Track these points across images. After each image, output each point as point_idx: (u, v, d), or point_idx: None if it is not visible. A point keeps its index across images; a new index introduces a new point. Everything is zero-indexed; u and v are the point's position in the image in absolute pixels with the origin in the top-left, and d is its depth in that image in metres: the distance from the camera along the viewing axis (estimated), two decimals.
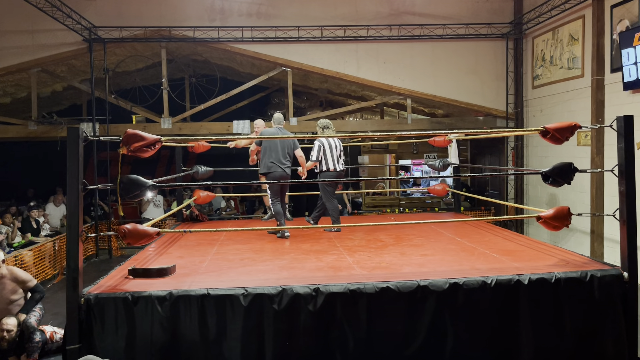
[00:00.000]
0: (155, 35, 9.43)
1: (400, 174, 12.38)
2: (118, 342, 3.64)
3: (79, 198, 3.61)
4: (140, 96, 10.29)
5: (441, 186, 7.71)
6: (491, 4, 9.84)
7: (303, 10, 9.59)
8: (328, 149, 6.17)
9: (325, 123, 6.36)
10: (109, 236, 9.66)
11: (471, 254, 4.81)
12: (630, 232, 3.97)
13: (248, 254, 5.00)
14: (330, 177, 6.15)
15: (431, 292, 3.77)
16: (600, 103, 7.56)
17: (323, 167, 6.19)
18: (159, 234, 4.13)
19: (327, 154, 6.17)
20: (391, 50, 9.80)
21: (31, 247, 7.76)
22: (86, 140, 3.68)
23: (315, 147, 6.18)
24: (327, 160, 6.17)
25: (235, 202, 11.49)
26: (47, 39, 9.13)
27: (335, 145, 6.23)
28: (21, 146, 12.35)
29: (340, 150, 6.28)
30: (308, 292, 3.71)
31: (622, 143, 3.98)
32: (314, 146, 6.20)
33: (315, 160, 6.16)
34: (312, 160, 6.17)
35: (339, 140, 6.31)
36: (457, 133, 6.04)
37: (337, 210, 6.32)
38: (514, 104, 9.99)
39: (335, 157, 6.19)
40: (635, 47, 6.51)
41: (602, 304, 3.92)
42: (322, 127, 6.32)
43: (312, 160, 6.17)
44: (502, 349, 3.86)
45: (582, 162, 7.61)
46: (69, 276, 3.62)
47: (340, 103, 12.63)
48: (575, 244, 8.00)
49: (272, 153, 5.92)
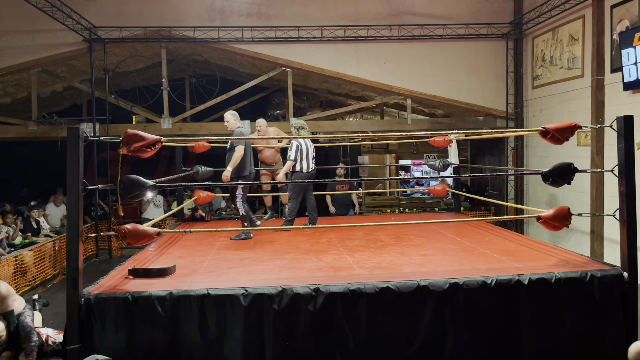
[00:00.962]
0: (155, 35, 9.43)
1: (400, 174, 12.38)
2: (118, 342, 3.64)
3: (79, 198, 3.61)
4: (140, 96, 10.30)
5: (441, 186, 7.71)
6: (491, 4, 9.83)
7: (303, 10, 9.58)
8: (305, 149, 6.22)
9: (301, 124, 6.38)
10: (109, 236, 9.66)
11: (471, 254, 4.81)
12: (630, 232, 3.97)
13: (248, 254, 5.00)
14: (301, 177, 6.21)
15: (431, 292, 3.77)
16: (600, 103, 7.56)
17: (297, 167, 6.23)
18: (159, 234, 4.13)
19: (304, 155, 6.22)
20: (391, 51, 9.80)
21: (31, 247, 7.76)
22: (86, 140, 3.68)
23: (293, 147, 6.19)
24: (302, 161, 6.22)
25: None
26: (47, 39, 9.12)
27: (309, 146, 6.29)
28: (20, 146, 12.34)
29: (313, 151, 6.34)
30: (308, 292, 3.71)
31: (622, 143, 3.98)
32: (292, 146, 6.20)
33: (293, 160, 6.18)
34: (290, 159, 6.19)
35: (310, 141, 6.37)
36: (457, 133, 6.04)
37: (295, 212, 6.34)
38: (514, 104, 9.99)
39: (310, 158, 6.26)
40: (635, 47, 6.51)
41: (602, 304, 3.92)
42: (297, 128, 6.33)
43: (291, 160, 6.18)
44: (502, 349, 3.86)
45: (582, 162, 7.61)
46: (69, 276, 3.62)
47: (340, 103, 12.62)
48: (575, 244, 8.00)
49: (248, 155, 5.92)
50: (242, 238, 5.76)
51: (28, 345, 4.61)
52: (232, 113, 5.97)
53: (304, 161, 6.24)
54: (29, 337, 4.62)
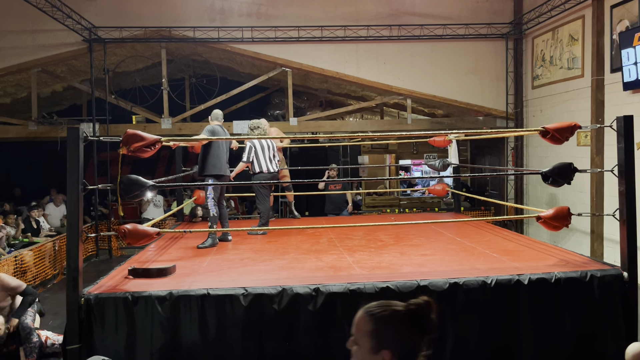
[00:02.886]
0: (155, 35, 9.43)
1: (400, 174, 12.38)
2: (118, 342, 3.63)
3: (79, 198, 3.61)
4: (140, 96, 10.29)
5: (441, 186, 7.71)
6: (491, 4, 9.84)
7: (303, 10, 9.59)
8: (260, 150, 6.10)
9: (256, 124, 6.30)
10: (109, 236, 9.66)
11: (471, 253, 4.81)
12: (630, 232, 3.97)
13: (248, 254, 5.00)
14: (264, 178, 6.07)
15: (431, 292, 3.76)
16: (600, 103, 7.56)
17: (256, 168, 6.11)
18: (159, 234, 4.13)
19: (260, 155, 6.10)
20: (391, 51, 9.80)
21: (31, 247, 7.76)
22: (86, 140, 3.68)
23: (247, 149, 6.11)
24: (260, 162, 6.10)
25: (235, 202, 11.50)
26: (47, 39, 9.13)
27: (268, 146, 6.16)
28: (19, 146, 12.35)
29: (273, 151, 6.21)
30: (308, 292, 3.71)
31: (622, 143, 3.98)
32: (245, 147, 6.14)
33: (246, 162, 6.09)
34: (242, 161, 6.11)
35: (271, 141, 6.24)
36: (457, 133, 6.04)
37: (269, 212, 6.27)
38: (513, 104, 9.99)
39: (267, 158, 6.13)
40: (635, 47, 6.51)
41: (602, 304, 3.92)
42: (251, 128, 6.26)
43: (243, 162, 6.11)
44: (502, 349, 3.85)
45: (582, 162, 7.61)
46: (69, 276, 3.62)
47: (340, 103, 12.63)
48: (575, 244, 8.00)
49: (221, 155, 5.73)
50: (207, 246, 5.31)
51: (28, 345, 4.62)
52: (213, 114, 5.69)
53: (262, 162, 6.09)
54: (29, 337, 4.63)
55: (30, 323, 4.81)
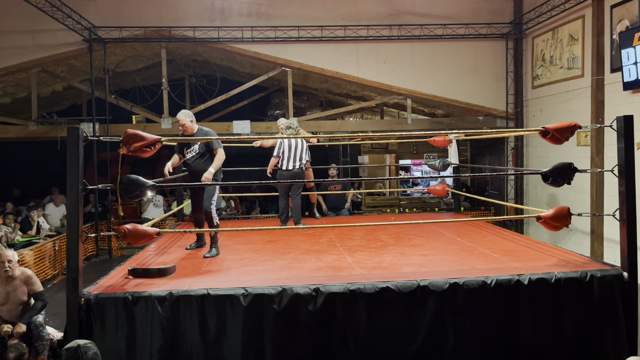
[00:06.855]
0: (155, 35, 9.43)
1: (400, 174, 12.37)
2: (118, 342, 3.64)
3: (79, 198, 3.61)
4: (140, 96, 10.29)
5: (441, 186, 7.71)
6: (491, 4, 9.83)
7: (303, 10, 9.59)
8: (287, 147, 6.33)
9: (288, 123, 6.50)
10: (109, 236, 9.66)
11: (471, 254, 4.81)
12: (630, 232, 3.97)
13: (248, 254, 5.00)
14: (283, 176, 6.33)
15: (431, 292, 3.77)
16: (600, 103, 7.56)
17: (279, 164, 6.38)
18: (159, 234, 4.13)
19: (285, 152, 6.33)
20: (391, 50, 9.80)
21: (31, 247, 7.76)
22: (86, 140, 3.68)
23: (277, 143, 6.40)
24: (284, 159, 6.33)
25: (235, 202, 11.49)
26: (47, 39, 9.12)
27: (296, 145, 6.37)
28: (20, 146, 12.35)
29: (301, 151, 6.40)
30: (308, 292, 3.71)
31: (622, 143, 3.98)
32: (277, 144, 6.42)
33: (276, 156, 6.35)
34: (273, 156, 6.38)
35: (302, 141, 6.44)
36: (457, 133, 6.04)
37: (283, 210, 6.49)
38: (513, 104, 9.99)
39: (292, 156, 6.34)
40: (635, 47, 6.51)
41: (602, 304, 3.92)
42: (286, 127, 6.48)
43: (273, 157, 6.37)
44: (502, 349, 3.86)
45: (582, 162, 7.61)
46: (69, 276, 3.62)
47: (340, 103, 12.62)
48: (575, 244, 8.00)
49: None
50: (213, 255, 4.98)
51: (40, 343, 4.62)
52: (184, 113, 5.15)
53: (285, 159, 6.34)
54: (41, 335, 4.64)
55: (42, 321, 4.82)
